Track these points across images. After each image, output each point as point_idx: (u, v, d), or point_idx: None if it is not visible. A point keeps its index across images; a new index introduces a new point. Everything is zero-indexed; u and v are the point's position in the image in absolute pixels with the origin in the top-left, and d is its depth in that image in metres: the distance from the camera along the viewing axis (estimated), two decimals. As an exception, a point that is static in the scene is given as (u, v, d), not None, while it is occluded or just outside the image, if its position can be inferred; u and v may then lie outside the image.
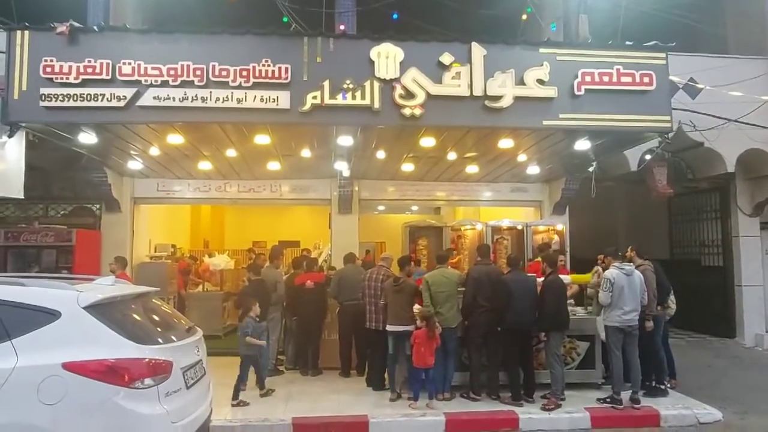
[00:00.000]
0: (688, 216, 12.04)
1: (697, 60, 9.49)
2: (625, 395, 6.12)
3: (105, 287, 4.17)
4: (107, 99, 5.91)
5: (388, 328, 6.44)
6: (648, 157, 9.26)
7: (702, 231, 11.66)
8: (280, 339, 8.07)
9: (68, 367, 3.44)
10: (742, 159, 9.94)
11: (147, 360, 3.60)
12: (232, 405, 6.04)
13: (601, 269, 6.91)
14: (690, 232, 12.02)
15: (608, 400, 6.13)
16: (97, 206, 9.60)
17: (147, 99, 5.92)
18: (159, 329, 4.11)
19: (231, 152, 7.82)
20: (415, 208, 14.13)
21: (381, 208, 14.28)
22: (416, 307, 6.44)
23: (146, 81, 5.93)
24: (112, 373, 3.49)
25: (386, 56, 6.11)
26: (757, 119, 9.41)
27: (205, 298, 10.29)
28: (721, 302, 10.82)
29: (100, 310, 3.70)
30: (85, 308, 3.65)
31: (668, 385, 6.73)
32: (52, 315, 3.61)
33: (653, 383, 6.55)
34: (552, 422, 5.81)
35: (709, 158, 10.07)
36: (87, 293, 3.77)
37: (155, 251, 10.81)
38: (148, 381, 3.57)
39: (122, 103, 5.91)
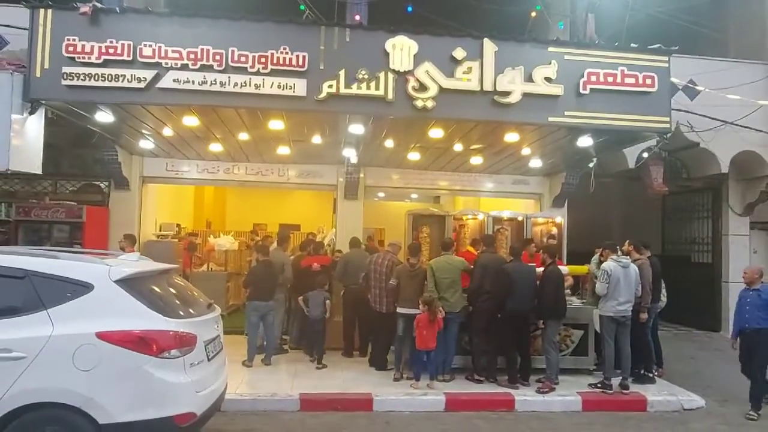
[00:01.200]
0: (681, 214, 12.36)
1: (698, 62, 9.71)
2: (615, 381, 6.46)
3: (132, 262, 4.40)
4: (128, 80, 6.05)
5: (400, 310, 6.72)
6: (645, 155, 9.51)
7: (693, 228, 12.00)
8: (285, 320, 8.31)
9: (101, 336, 3.67)
10: (736, 160, 10.24)
11: (173, 332, 3.84)
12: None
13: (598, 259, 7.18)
14: (682, 229, 12.35)
15: (599, 385, 6.46)
16: (105, 183, 9.73)
17: (167, 81, 6.07)
18: (183, 304, 4.34)
19: (243, 135, 7.98)
20: (414, 195, 14.36)
21: (381, 194, 14.51)
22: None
23: (166, 63, 6.07)
24: (142, 342, 3.72)
25: (401, 48, 6.28)
26: (752, 122, 9.70)
27: (210, 277, 10.48)
28: (708, 297, 11.19)
29: (129, 283, 3.93)
30: (116, 281, 3.87)
31: (655, 374, 7.08)
32: (85, 287, 3.83)
33: (642, 371, 6.88)
34: (546, 404, 6.13)
35: (704, 158, 10.36)
36: (117, 267, 4.00)
37: (161, 230, 10.99)
38: (174, 352, 3.81)
39: (142, 85, 6.05)
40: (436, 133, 7.45)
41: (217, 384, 4.36)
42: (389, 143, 8.25)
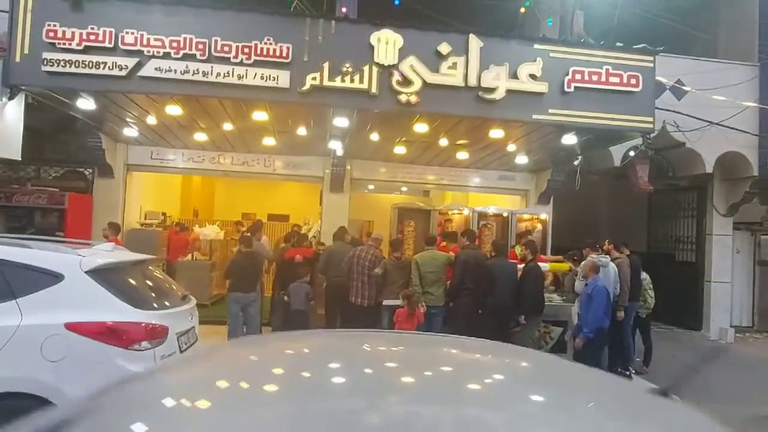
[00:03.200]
0: (666, 212, 12.43)
1: (686, 63, 9.73)
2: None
3: (105, 253, 4.36)
4: (109, 67, 6.00)
5: (386, 302, 6.74)
6: (632, 153, 9.53)
7: (678, 227, 12.07)
8: (266, 311, 8.31)
9: (70, 327, 3.65)
10: (721, 161, 10.29)
11: (145, 324, 3.82)
12: None
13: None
14: (667, 227, 12.42)
15: (576, 383, 6.50)
16: (89, 170, 9.66)
17: (148, 70, 6.02)
18: (156, 295, 4.33)
19: (227, 126, 7.94)
20: (404, 189, 14.36)
21: (371, 187, 14.48)
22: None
23: (148, 52, 6.02)
24: (112, 334, 3.70)
25: (386, 42, 6.26)
26: (737, 123, 9.74)
27: (194, 267, 10.46)
28: (691, 296, 11.28)
29: (100, 274, 3.90)
30: (87, 272, 3.84)
31: (633, 371, 7.15)
32: (55, 277, 3.80)
33: (619, 369, 6.94)
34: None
35: (690, 158, 10.40)
36: (89, 258, 3.97)
37: (146, 218, 10.93)
38: (145, 344, 3.79)
39: (123, 72, 6.00)
40: (421, 127, 7.44)
41: (190, 376, 4.35)
42: (375, 137, 8.23)
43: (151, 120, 7.76)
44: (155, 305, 4.15)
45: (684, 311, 11.26)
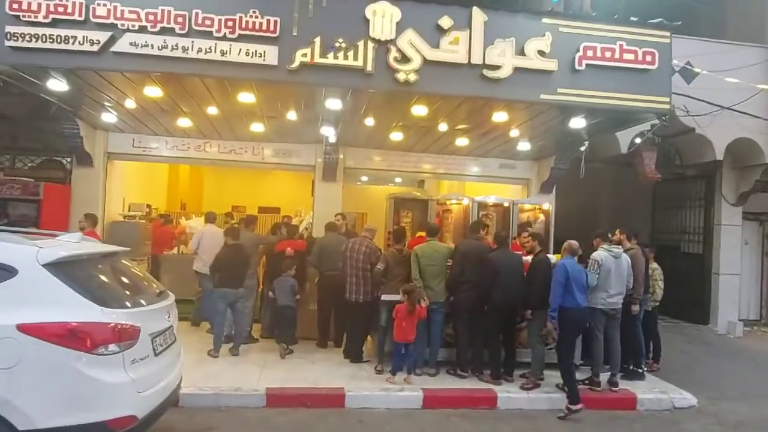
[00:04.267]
0: (672, 202, 12.03)
1: (695, 44, 9.27)
2: (604, 378, 6.10)
3: (70, 244, 3.86)
4: (79, 42, 5.48)
5: (385, 297, 6.28)
6: (638, 140, 9.15)
7: (684, 218, 11.68)
8: (257, 307, 7.85)
9: (24, 329, 3.17)
10: (731, 148, 9.89)
11: (112, 324, 3.34)
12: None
13: None
14: (672, 218, 12.03)
15: (587, 381, 6.08)
16: (68, 159, 9.13)
17: (123, 45, 5.50)
18: (127, 292, 3.85)
19: (212, 110, 7.42)
20: (399, 180, 13.90)
21: (365, 178, 14.01)
22: None
23: (122, 25, 5.50)
24: (73, 337, 3.23)
25: (382, 15, 5.75)
26: (750, 108, 9.33)
27: (180, 261, 9.92)
28: (698, 289, 10.91)
29: (62, 268, 3.42)
30: (45, 266, 3.36)
31: (646, 369, 6.74)
32: (7, 272, 3.32)
33: (631, 366, 6.53)
34: (530, 402, 5.75)
35: (699, 145, 10.00)
36: (48, 250, 3.48)
37: (129, 210, 10.40)
38: (112, 347, 3.32)
39: (95, 48, 5.48)
40: (419, 110, 6.97)
41: (167, 380, 3.88)
42: (370, 121, 7.74)
43: (130, 103, 7.23)
44: (126, 303, 3.66)
45: (691, 304, 10.90)
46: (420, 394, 5.62)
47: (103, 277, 3.73)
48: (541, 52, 6.05)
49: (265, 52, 5.63)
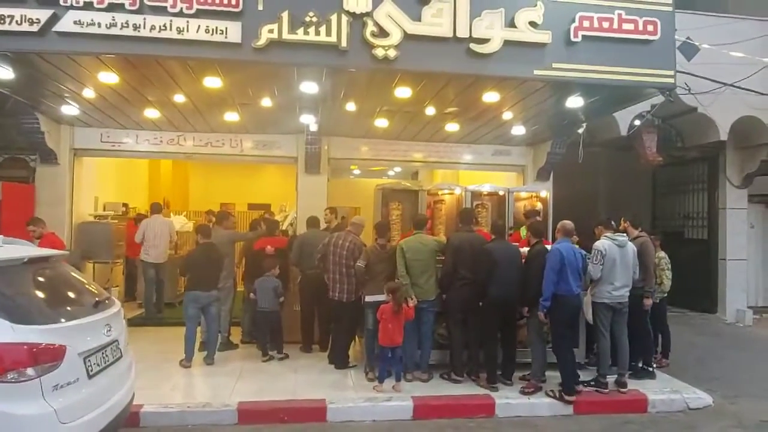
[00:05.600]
0: (674, 187, 11.52)
1: (694, 18, 8.77)
2: (611, 378, 5.58)
3: (-16, 248, 3.31)
4: (17, 22, 4.88)
5: (368, 298, 5.73)
6: (638, 122, 8.63)
7: (687, 202, 11.16)
8: (237, 309, 7.30)
9: None
10: (736, 127, 9.38)
11: (27, 345, 2.80)
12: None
13: None
14: (674, 203, 11.51)
15: (593, 383, 5.56)
16: (32, 157, 8.53)
17: (66, 24, 4.90)
18: (55, 304, 3.29)
19: (179, 97, 6.84)
20: (392, 173, 13.38)
21: (356, 171, 13.48)
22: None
23: (65, 2, 4.90)
24: (-23, 361, 2.69)
25: (357, -15, 5.18)
26: (754, 84, 8.80)
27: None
28: (704, 276, 10.40)
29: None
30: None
31: (655, 365, 6.24)
32: None
33: (640, 365, 6.01)
34: (531, 408, 5.22)
35: (702, 125, 9.48)
36: (-50, 257, 2.92)
37: (104, 210, 9.82)
38: (28, 371, 2.78)
39: (35, 28, 4.88)
40: (403, 92, 6.41)
41: (109, 403, 3.34)
42: (351, 106, 7.17)
43: (89, 93, 6.64)
44: (50, 318, 3.10)
45: (697, 293, 10.37)
46: (410, 403, 5.08)
47: (21, 288, 3.17)
48: (532, 24, 5.49)
49: (227, 28, 5.05)
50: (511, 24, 5.47)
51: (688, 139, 10.21)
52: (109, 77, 5.99)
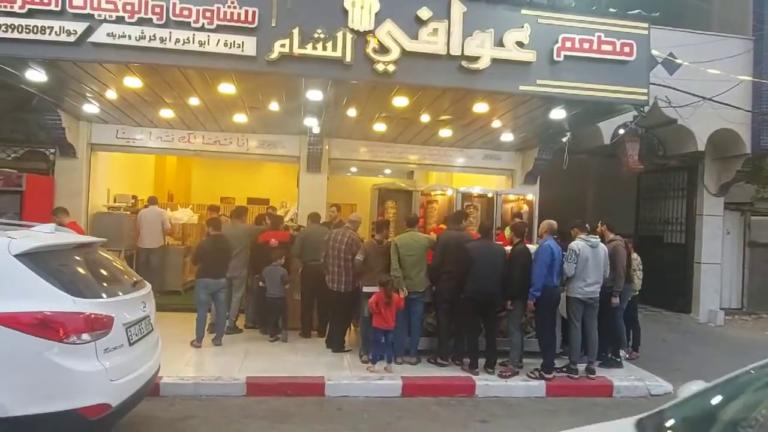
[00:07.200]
0: (655, 193, 12.14)
1: (678, 35, 9.36)
2: (582, 366, 6.20)
3: (43, 235, 3.88)
4: (56, 33, 5.43)
5: (365, 289, 6.33)
6: (621, 131, 9.21)
7: (667, 208, 11.79)
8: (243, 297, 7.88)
9: (-4, 318, 3.20)
10: (713, 138, 9.98)
11: (85, 314, 3.38)
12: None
13: None
14: (656, 208, 12.14)
15: (565, 369, 6.18)
16: (51, 151, 9.07)
17: (100, 35, 5.46)
18: (101, 282, 3.87)
19: (194, 101, 7.40)
20: (388, 171, 13.91)
21: (354, 169, 14.02)
22: None
23: (99, 15, 5.46)
24: (45, 326, 3.26)
25: (361, 6, 5.74)
26: (732, 99, 9.42)
27: (166, 252, 9.94)
28: (680, 278, 11.05)
29: (34, 259, 3.44)
30: (16, 256, 3.37)
31: (625, 357, 6.86)
32: (-21, 262, 3.33)
33: (609, 355, 6.63)
34: (508, 389, 5.84)
35: (682, 135, 10.08)
36: (20, 240, 3.50)
37: (114, 202, 10.37)
38: (85, 336, 3.36)
39: (72, 39, 5.44)
40: (400, 101, 6.99)
41: (143, 369, 3.92)
42: (352, 112, 7.75)
43: (111, 94, 7.20)
44: (100, 293, 3.70)
45: (673, 294, 11.04)
46: (399, 382, 5.70)
47: (76, 268, 3.76)
48: (519, 43, 6.07)
49: (243, 42, 5.62)
50: (499, 43, 6.04)
51: (670, 148, 10.82)
52: (133, 82, 6.56)
